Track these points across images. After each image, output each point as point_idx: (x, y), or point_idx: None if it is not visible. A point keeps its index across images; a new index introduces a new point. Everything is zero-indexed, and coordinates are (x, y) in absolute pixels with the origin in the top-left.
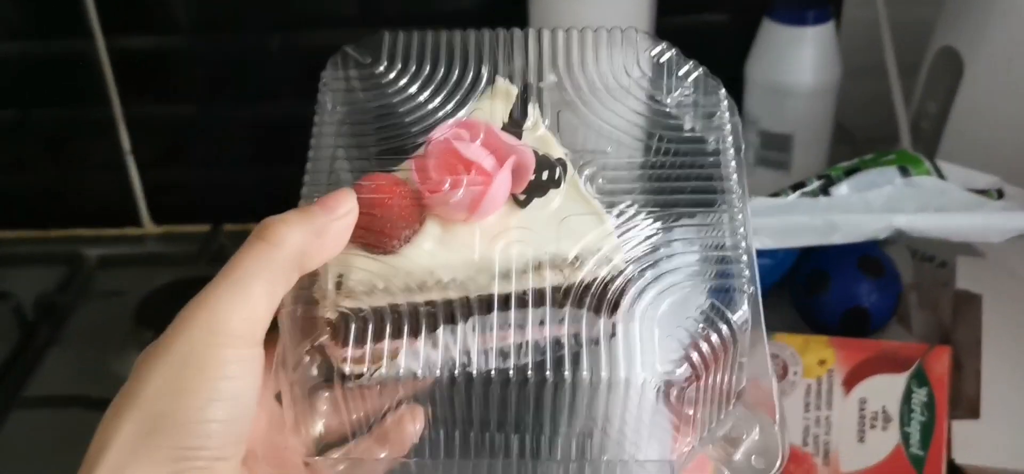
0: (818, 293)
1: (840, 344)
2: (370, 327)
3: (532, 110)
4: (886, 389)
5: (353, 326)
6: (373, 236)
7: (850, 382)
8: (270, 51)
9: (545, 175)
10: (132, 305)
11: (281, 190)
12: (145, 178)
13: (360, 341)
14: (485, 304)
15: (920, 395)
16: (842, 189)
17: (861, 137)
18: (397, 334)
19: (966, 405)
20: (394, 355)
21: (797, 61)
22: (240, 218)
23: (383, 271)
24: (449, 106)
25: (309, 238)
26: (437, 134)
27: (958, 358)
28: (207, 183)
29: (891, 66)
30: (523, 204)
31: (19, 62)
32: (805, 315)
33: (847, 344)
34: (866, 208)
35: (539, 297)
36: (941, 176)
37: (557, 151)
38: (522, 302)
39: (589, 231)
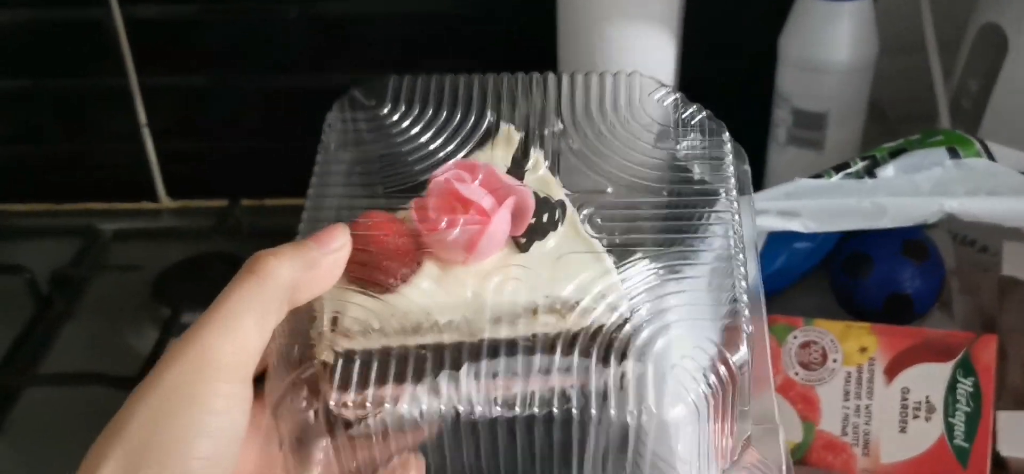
0: (859, 277)
1: (882, 331)
2: (367, 371)
3: (533, 152)
4: (930, 378)
5: (350, 369)
6: (369, 274)
7: (892, 370)
8: (288, 20)
9: (545, 217)
10: (148, 280)
11: (299, 164)
12: (161, 151)
13: (357, 385)
14: (484, 349)
15: (966, 385)
16: (888, 171)
17: (894, 115)
18: (395, 379)
19: (1011, 395)
20: (393, 401)
21: (833, 37)
22: (257, 193)
23: (379, 310)
24: (451, 148)
25: (300, 271)
26: (437, 175)
27: (1003, 346)
28: (224, 156)
29: (930, 42)
30: (524, 247)
31: (33, 30)
32: (844, 299)
33: (890, 331)
34: (914, 191)
35: (541, 343)
36: (991, 158)
37: (558, 193)
38: (526, 349)
39: (591, 275)
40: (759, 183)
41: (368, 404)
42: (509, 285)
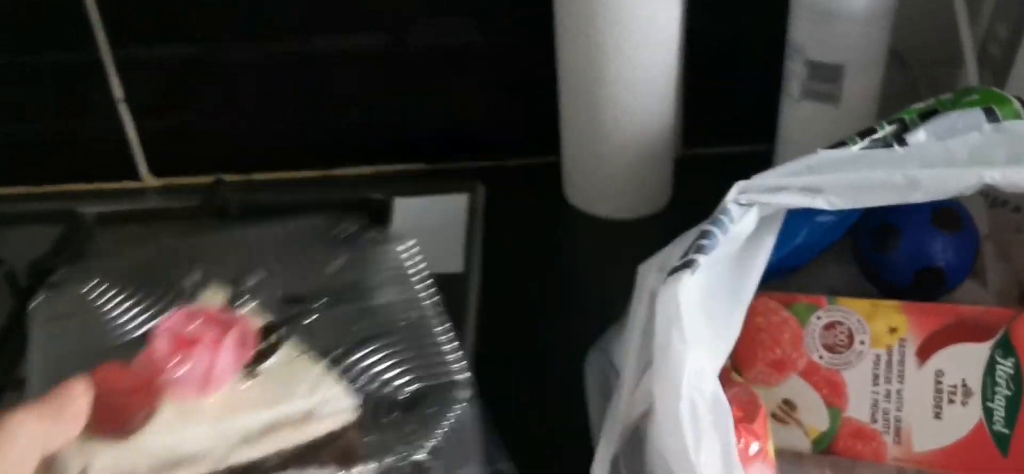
0: (887, 251)
1: (913, 310)
2: None
3: (240, 299)
4: (966, 360)
5: None
6: (110, 420)
7: (925, 352)
8: None
9: (269, 339)
10: None
11: (290, 136)
12: (141, 127)
13: None
14: None
15: (1005, 366)
16: (919, 136)
17: (916, 64)
18: None
19: None
20: None
21: None
22: (247, 167)
23: (127, 453)
24: (163, 305)
25: (43, 424)
26: (161, 322)
27: None
28: (211, 130)
29: None
30: (253, 371)
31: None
32: (870, 274)
33: (921, 309)
34: (949, 160)
35: (286, 458)
36: None
37: (265, 318)
38: (275, 467)
39: (315, 385)
40: (771, 139)
41: None
42: (246, 408)
